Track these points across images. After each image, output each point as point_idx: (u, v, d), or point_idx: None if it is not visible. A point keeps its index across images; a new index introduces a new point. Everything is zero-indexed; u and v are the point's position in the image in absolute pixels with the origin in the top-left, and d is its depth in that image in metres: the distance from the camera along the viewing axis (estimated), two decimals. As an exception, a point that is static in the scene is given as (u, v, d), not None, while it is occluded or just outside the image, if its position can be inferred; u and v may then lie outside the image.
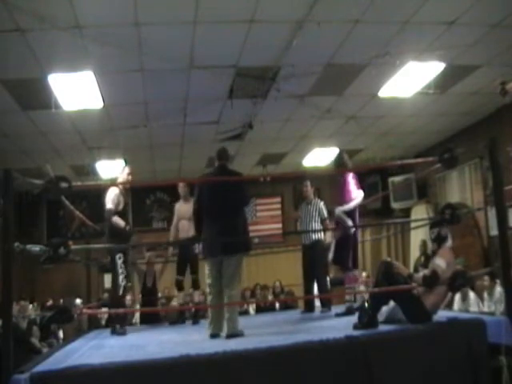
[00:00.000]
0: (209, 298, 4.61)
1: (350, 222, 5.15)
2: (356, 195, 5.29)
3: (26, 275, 9.66)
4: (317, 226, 6.14)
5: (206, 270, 4.70)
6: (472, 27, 5.29)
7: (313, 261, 6.07)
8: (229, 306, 4.27)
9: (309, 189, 6.34)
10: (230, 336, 4.15)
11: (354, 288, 5.49)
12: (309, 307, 6.14)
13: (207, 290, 4.63)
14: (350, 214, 5.19)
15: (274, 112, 7.31)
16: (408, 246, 10.56)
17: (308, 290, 6.26)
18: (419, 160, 8.42)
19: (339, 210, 5.16)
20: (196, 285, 6.31)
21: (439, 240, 4.15)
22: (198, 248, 5.92)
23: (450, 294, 5.51)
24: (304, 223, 6.32)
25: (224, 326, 4.32)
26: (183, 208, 6.22)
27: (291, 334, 4.00)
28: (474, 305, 6.64)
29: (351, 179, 5.31)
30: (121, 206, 5.40)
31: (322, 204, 6.22)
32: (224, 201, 4.37)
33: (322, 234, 6.22)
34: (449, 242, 4.14)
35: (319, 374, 3.18)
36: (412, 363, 3.35)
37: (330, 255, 5.29)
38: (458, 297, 6.68)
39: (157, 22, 4.75)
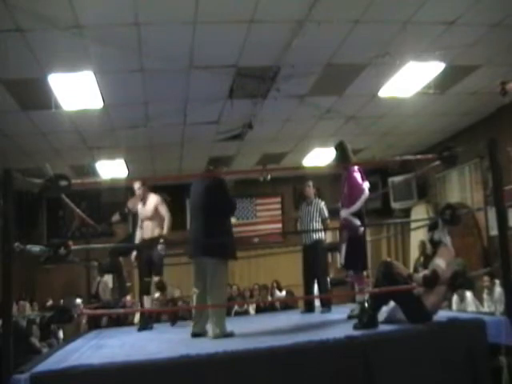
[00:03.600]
0: (193, 296, 4.65)
1: (358, 222, 4.79)
2: (361, 191, 4.87)
3: (25, 275, 9.66)
4: (317, 226, 6.12)
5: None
6: (472, 27, 5.29)
7: (313, 260, 6.07)
8: (212, 309, 4.29)
9: (311, 189, 6.33)
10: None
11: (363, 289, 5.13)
12: (309, 307, 6.14)
13: (193, 287, 4.64)
14: (357, 213, 4.82)
15: (274, 112, 7.31)
16: (408, 246, 10.56)
17: (308, 290, 6.25)
18: (419, 156, 8.42)
19: (346, 212, 4.79)
20: (162, 287, 5.79)
21: (433, 244, 4.18)
22: (163, 249, 5.58)
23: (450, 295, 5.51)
24: (304, 223, 6.30)
25: (207, 326, 4.39)
26: (143, 210, 5.76)
27: (291, 334, 4.00)
28: (472, 305, 6.64)
29: (357, 173, 4.92)
30: None
31: (322, 204, 6.21)
32: (200, 201, 4.48)
33: (323, 233, 6.22)
34: (448, 243, 4.14)
35: (319, 374, 3.18)
36: (412, 363, 3.35)
37: (341, 259, 4.84)
38: (455, 298, 6.68)
39: (157, 21, 4.75)
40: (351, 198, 4.82)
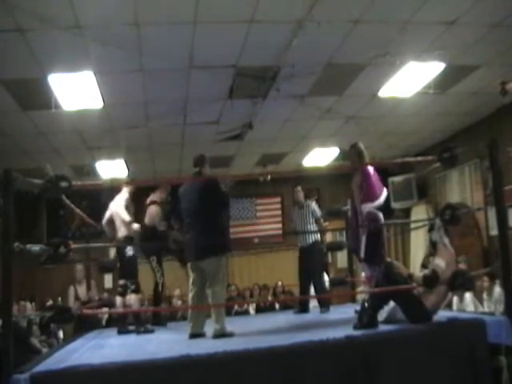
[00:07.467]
0: (190, 296, 4.66)
1: (381, 216, 4.72)
2: (382, 187, 4.81)
3: (25, 275, 9.65)
4: (312, 228, 6.18)
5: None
6: (472, 27, 5.29)
7: (310, 262, 6.09)
8: (213, 308, 4.33)
9: (300, 193, 6.40)
10: (216, 337, 4.18)
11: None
12: (303, 307, 6.14)
13: (189, 287, 4.65)
14: (379, 208, 4.72)
15: (274, 112, 7.31)
16: (408, 246, 10.55)
17: (303, 291, 6.26)
18: (419, 158, 8.45)
19: (369, 206, 4.65)
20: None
21: (432, 244, 4.19)
22: (132, 250, 5.46)
23: (450, 295, 5.51)
24: (299, 227, 6.35)
25: (204, 325, 4.43)
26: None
27: (291, 334, 4.01)
28: (470, 305, 6.64)
29: (374, 173, 4.80)
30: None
31: (313, 204, 6.30)
32: (195, 206, 4.50)
33: (319, 235, 6.26)
34: (446, 243, 4.14)
35: (319, 374, 3.18)
36: (412, 363, 3.36)
37: (361, 253, 4.66)
38: (455, 298, 6.68)
39: (157, 21, 4.75)
40: (373, 194, 4.70)
